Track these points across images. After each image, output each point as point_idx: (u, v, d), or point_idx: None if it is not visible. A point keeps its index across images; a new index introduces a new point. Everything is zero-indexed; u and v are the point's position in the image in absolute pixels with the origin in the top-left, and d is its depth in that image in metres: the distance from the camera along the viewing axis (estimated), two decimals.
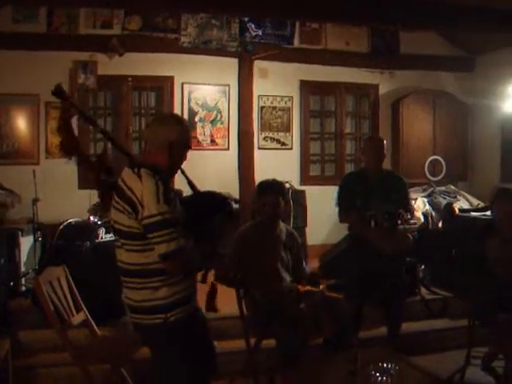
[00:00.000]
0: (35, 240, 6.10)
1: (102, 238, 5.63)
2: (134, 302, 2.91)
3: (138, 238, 2.78)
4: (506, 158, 8.52)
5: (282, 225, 4.49)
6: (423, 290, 6.11)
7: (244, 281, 4.16)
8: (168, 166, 2.92)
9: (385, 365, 3.23)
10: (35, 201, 6.10)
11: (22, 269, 6.01)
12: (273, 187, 4.37)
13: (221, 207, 3.14)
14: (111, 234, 5.64)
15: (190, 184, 3.10)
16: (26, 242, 6.14)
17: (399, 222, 4.58)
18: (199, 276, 3.22)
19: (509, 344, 4.13)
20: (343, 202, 4.93)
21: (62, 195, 7.10)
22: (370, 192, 4.76)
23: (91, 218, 5.92)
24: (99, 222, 5.71)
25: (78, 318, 3.96)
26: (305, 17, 7.08)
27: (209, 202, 3.14)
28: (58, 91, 3.46)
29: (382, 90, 8.92)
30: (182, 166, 3.06)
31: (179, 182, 3.17)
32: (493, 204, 4.65)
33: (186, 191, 3.17)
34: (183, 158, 2.99)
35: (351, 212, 4.84)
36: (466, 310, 4.72)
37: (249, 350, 4.15)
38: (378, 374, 3.15)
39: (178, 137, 2.91)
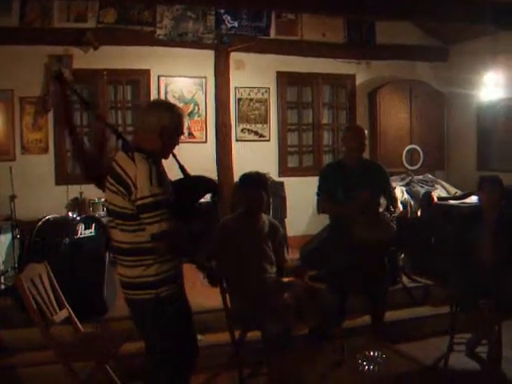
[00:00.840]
0: (13, 237, 5.99)
1: (81, 234, 5.56)
2: (126, 279, 3.07)
3: (132, 219, 2.93)
4: (482, 146, 8.61)
5: (264, 216, 4.49)
6: (404, 279, 6.16)
7: (226, 273, 4.17)
8: (160, 150, 3.05)
9: (372, 353, 3.26)
10: (12, 197, 6.00)
11: (1, 267, 5.91)
12: (255, 180, 4.37)
13: (210, 189, 3.35)
14: (90, 230, 5.61)
15: (182, 168, 3.23)
16: (3, 240, 6.04)
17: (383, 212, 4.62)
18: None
19: (492, 329, 4.19)
20: (323, 192, 4.93)
21: (39, 191, 7.01)
22: (351, 181, 4.77)
23: (69, 213, 5.85)
24: (78, 218, 5.64)
25: (60, 315, 3.91)
26: (281, 7, 7.04)
27: (200, 185, 3.32)
28: (57, 76, 3.71)
29: (359, 81, 8.93)
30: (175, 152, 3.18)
31: (171, 167, 3.21)
32: (478, 192, 4.70)
33: (178, 175, 3.24)
34: (175, 143, 3.12)
35: (330, 202, 4.86)
36: (448, 297, 4.78)
37: (233, 342, 4.15)
38: (365, 363, 3.18)
39: (170, 123, 3.04)
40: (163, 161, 3.13)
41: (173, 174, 3.21)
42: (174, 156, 3.18)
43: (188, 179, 3.24)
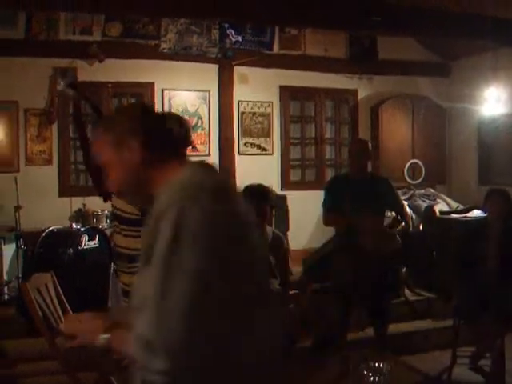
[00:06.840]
0: (17, 248, 6.00)
1: (84, 245, 5.59)
2: (128, 287, 3.06)
3: (136, 224, 2.94)
4: (484, 161, 8.65)
5: (268, 228, 4.49)
6: (407, 292, 6.17)
7: None
8: None
9: (376, 364, 3.26)
10: (17, 208, 6.01)
11: (5, 277, 5.93)
12: (259, 193, 4.36)
13: None
14: (94, 241, 5.64)
15: None
16: (8, 250, 6.06)
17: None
18: None
19: (495, 342, 4.20)
20: (329, 205, 4.95)
21: (43, 203, 7.00)
22: (358, 194, 4.79)
23: (73, 225, 5.88)
24: (82, 229, 5.67)
25: None
26: (285, 22, 7.10)
27: None
28: (73, 84, 3.78)
29: (361, 95, 8.98)
30: None
31: None
32: (485, 205, 4.72)
33: None
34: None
35: (336, 215, 4.87)
36: (450, 311, 4.79)
37: None
38: (370, 374, 3.17)
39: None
40: None
41: None
42: None
43: None
